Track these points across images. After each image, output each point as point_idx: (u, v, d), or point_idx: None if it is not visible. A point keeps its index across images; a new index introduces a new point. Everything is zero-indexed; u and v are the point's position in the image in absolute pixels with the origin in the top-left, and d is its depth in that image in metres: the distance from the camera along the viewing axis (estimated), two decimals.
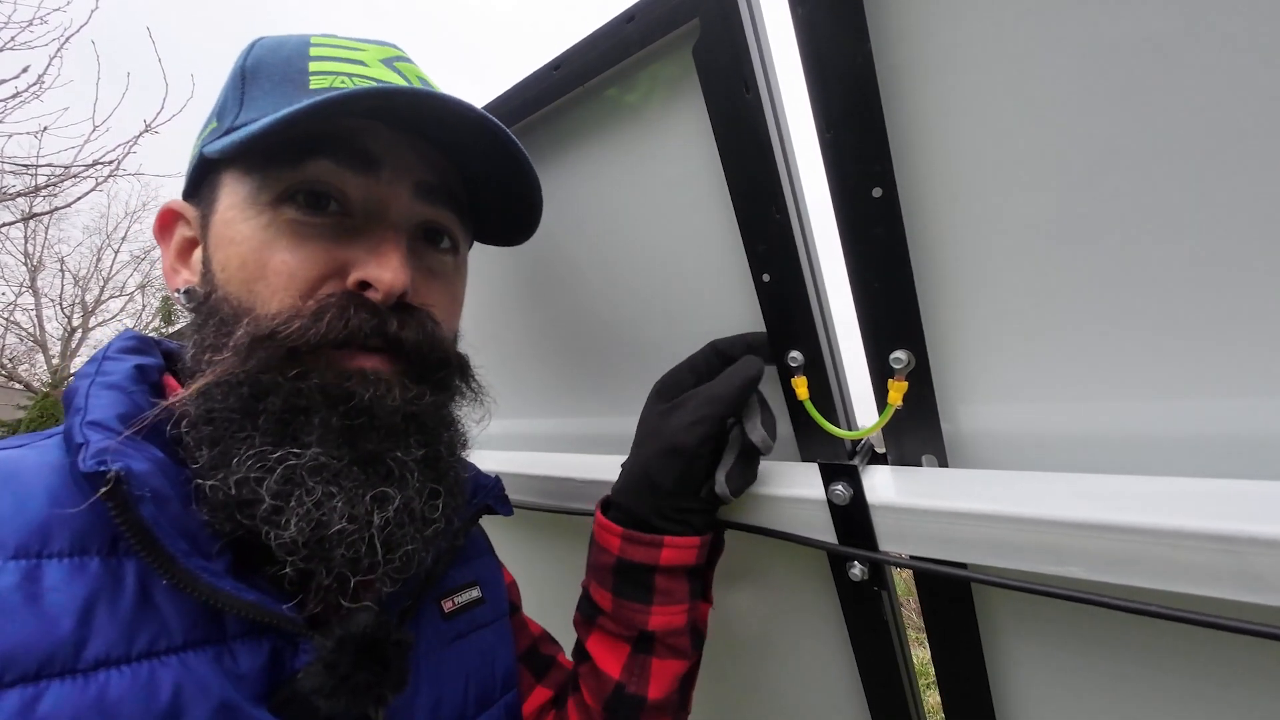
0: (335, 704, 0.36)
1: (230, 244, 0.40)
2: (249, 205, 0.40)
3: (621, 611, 0.50)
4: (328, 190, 0.40)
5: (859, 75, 0.42)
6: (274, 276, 0.39)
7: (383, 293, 0.40)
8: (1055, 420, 0.45)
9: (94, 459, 0.32)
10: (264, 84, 0.41)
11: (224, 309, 0.39)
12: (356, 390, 0.38)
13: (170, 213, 0.45)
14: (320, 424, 0.37)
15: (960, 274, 0.45)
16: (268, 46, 0.43)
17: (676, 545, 0.49)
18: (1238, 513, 0.34)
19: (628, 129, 0.57)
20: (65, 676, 0.29)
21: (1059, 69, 0.38)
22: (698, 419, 0.47)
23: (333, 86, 0.41)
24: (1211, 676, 0.42)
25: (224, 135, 0.40)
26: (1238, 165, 0.35)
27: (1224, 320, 0.38)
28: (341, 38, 0.45)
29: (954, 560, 0.45)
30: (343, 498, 0.36)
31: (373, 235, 0.41)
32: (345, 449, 0.37)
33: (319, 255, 0.40)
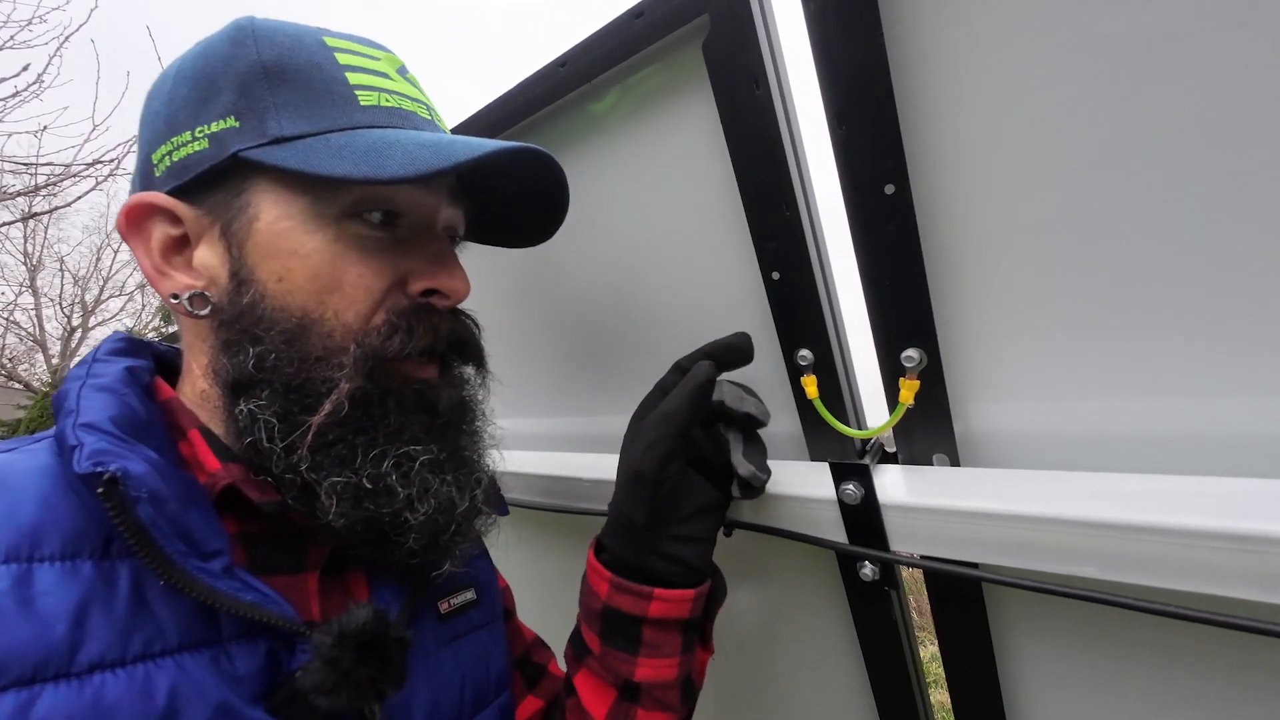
0: (336, 700, 0.36)
1: (292, 256, 0.39)
2: (311, 218, 0.39)
3: (607, 659, 0.49)
4: (389, 206, 0.42)
5: (871, 70, 0.42)
6: (350, 289, 0.40)
7: (454, 300, 0.45)
8: (1069, 419, 0.44)
9: (90, 460, 0.32)
10: (300, 89, 0.40)
11: (282, 320, 0.39)
12: (431, 395, 0.43)
13: (144, 207, 0.40)
14: (421, 426, 0.42)
15: (973, 271, 0.44)
16: (281, 42, 0.40)
17: (667, 599, 0.47)
18: (1257, 512, 0.34)
19: (635, 126, 0.57)
20: (60, 680, 0.29)
21: (1075, 63, 0.37)
22: (652, 441, 0.46)
23: (381, 105, 0.42)
24: (1230, 679, 0.42)
25: (273, 144, 0.38)
26: (1263, 161, 0.34)
27: (1243, 317, 0.37)
28: (353, 40, 0.44)
29: (966, 560, 0.45)
30: (455, 485, 0.43)
31: (425, 245, 0.44)
32: (438, 445, 0.43)
33: (386, 267, 0.42)
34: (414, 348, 0.41)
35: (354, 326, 0.40)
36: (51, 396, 0.39)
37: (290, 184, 0.39)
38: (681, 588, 0.47)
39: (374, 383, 0.40)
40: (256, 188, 0.40)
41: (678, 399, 0.46)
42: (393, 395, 0.41)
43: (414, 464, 0.41)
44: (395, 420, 0.41)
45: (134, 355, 0.43)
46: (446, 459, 0.43)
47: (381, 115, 0.42)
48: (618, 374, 0.72)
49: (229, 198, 0.40)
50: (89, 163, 3.93)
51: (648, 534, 0.47)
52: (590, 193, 0.63)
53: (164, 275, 0.41)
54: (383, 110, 0.42)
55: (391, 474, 0.40)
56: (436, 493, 0.41)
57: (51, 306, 8.00)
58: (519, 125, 0.63)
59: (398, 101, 0.43)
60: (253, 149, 0.38)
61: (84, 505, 0.34)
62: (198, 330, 0.42)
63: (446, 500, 0.42)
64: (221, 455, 0.40)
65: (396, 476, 0.40)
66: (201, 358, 0.42)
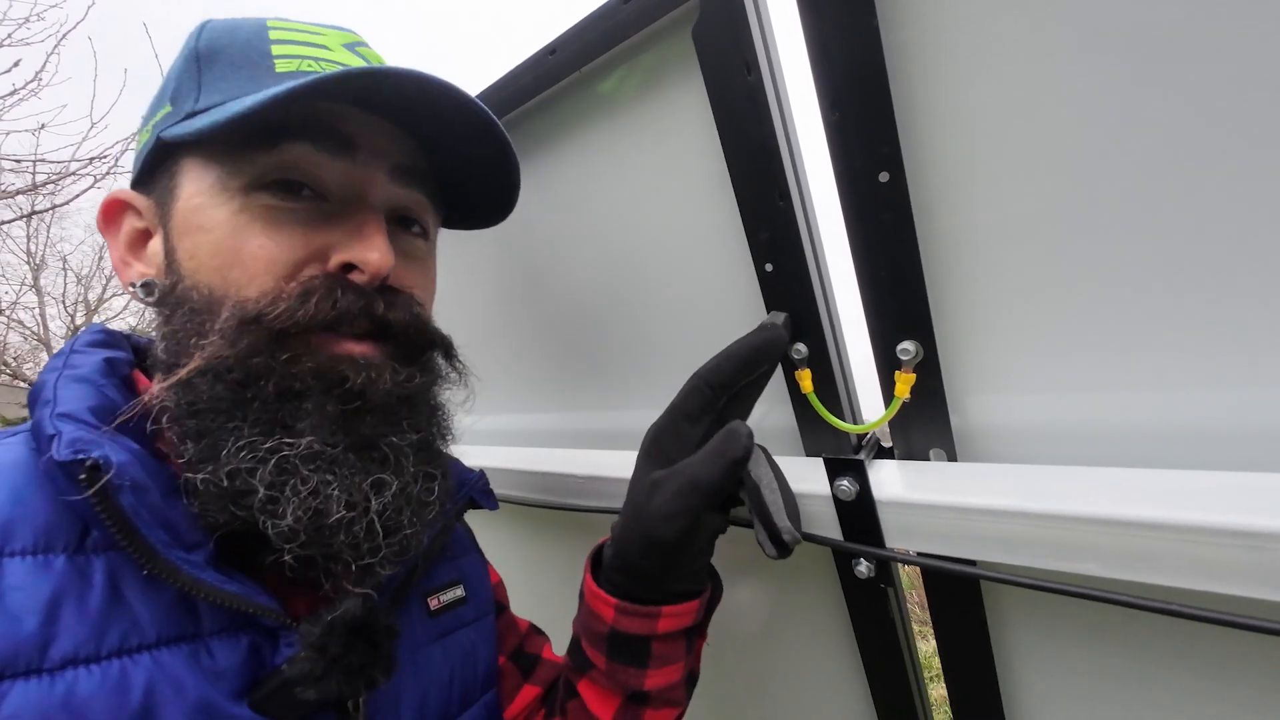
0: (326, 688, 0.35)
1: (200, 231, 0.38)
2: (218, 191, 0.38)
3: (615, 674, 0.48)
4: (302, 177, 0.39)
5: (865, 54, 0.40)
6: (251, 262, 0.37)
7: (369, 273, 0.39)
8: (1069, 412, 0.43)
9: (70, 448, 0.31)
10: (223, 67, 0.39)
11: (194, 297, 0.38)
12: (349, 374, 0.37)
13: (116, 203, 0.42)
14: (314, 410, 0.36)
15: (970, 262, 0.43)
16: (221, 29, 0.41)
17: (674, 613, 0.46)
18: (1262, 507, 0.33)
19: (626, 114, 0.56)
20: (30, 676, 0.29)
21: (1076, 48, 0.36)
22: (675, 511, 0.42)
23: (300, 70, 0.40)
24: (1231, 676, 0.41)
25: (185, 119, 0.38)
26: (1265, 152, 0.33)
27: (1247, 309, 0.36)
28: (299, 22, 0.44)
29: (963, 557, 0.44)
30: (339, 485, 0.36)
31: (352, 219, 0.40)
32: (340, 435, 0.37)
33: (297, 239, 0.39)
34: (321, 319, 0.37)
35: (250, 300, 0.37)
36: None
37: (205, 159, 0.39)
38: (686, 600, 0.47)
39: (257, 357, 0.36)
40: (182, 168, 0.40)
41: (712, 470, 0.42)
42: (276, 374, 0.36)
43: (286, 457, 0.35)
44: (276, 405, 0.36)
45: (112, 347, 0.42)
46: (344, 455, 0.37)
47: (297, 79, 0.37)
48: (609, 368, 0.71)
49: (165, 181, 0.41)
50: (88, 159, 3.92)
51: (662, 580, 0.45)
52: (581, 183, 0.62)
53: (126, 265, 0.42)
54: (300, 74, 0.39)
55: (257, 468, 0.34)
56: (317, 493, 0.35)
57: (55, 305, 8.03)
58: (509, 116, 0.62)
59: (323, 67, 0.41)
60: (170, 127, 0.39)
61: (58, 498, 0.33)
62: (154, 319, 0.42)
63: (326, 503, 0.35)
64: None
65: (262, 472, 0.34)
66: None
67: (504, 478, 0.77)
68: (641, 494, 0.45)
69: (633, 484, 0.47)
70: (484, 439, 0.93)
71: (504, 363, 0.83)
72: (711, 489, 0.42)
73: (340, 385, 0.37)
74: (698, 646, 0.52)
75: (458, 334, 0.50)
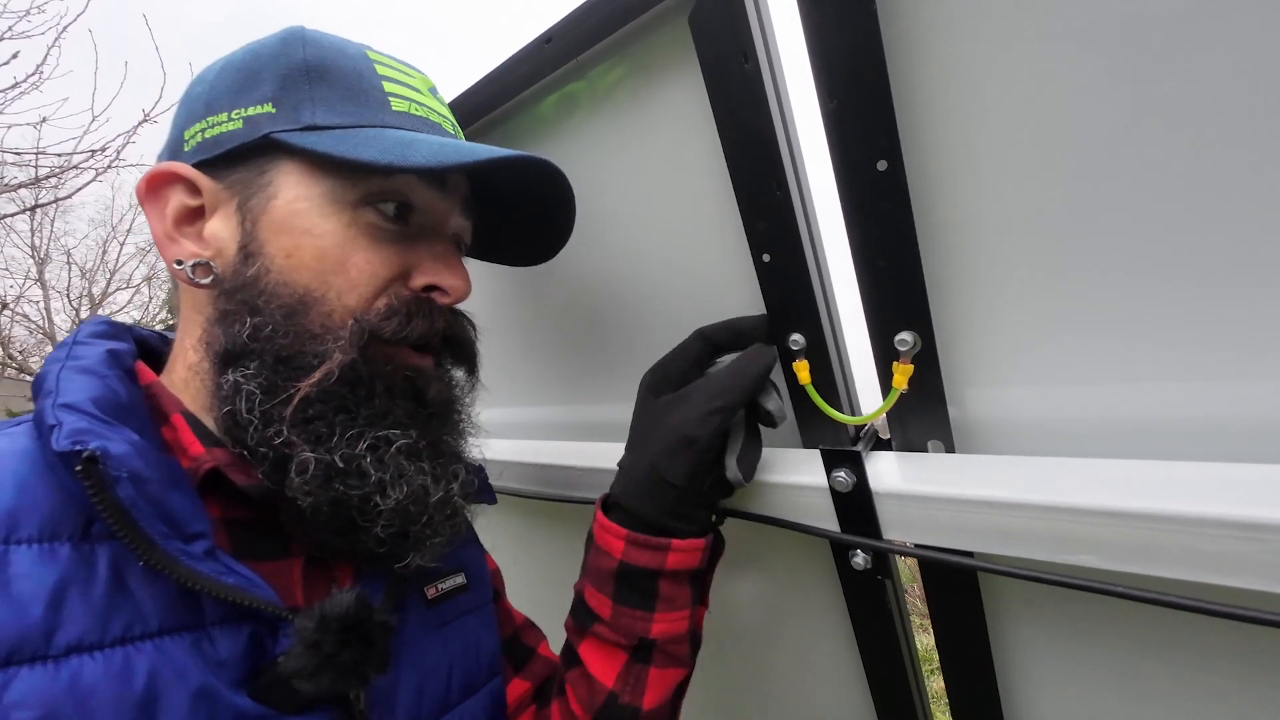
0: (319, 684, 0.36)
1: (304, 234, 0.40)
2: (329, 202, 0.41)
3: (621, 620, 0.48)
4: (405, 200, 0.44)
5: (864, 42, 0.40)
6: (355, 273, 0.41)
7: (454, 298, 0.46)
8: (1068, 403, 0.43)
9: (69, 439, 0.31)
10: (337, 88, 0.42)
11: (284, 294, 0.40)
12: (421, 383, 0.44)
13: (166, 174, 0.42)
14: (404, 411, 0.42)
15: (969, 252, 0.43)
16: (327, 46, 0.44)
17: (683, 549, 0.47)
18: (1261, 498, 0.33)
19: (622, 103, 0.55)
20: (35, 663, 0.29)
21: (1077, 37, 0.35)
22: (712, 409, 0.46)
23: (411, 113, 0.45)
24: (1230, 668, 0.41)
25: (306, 130, 0.41)
26: (1267, 146, 0.33)
27: (1248, 302, 0.36)
28: (393, 58, 0.48)
29: (960, 549, 0.44)
30: (431, 474, 0.42)
31: (432, 244, 0.46)
32: (422, 432, 0.43)
33: (392, 258, 0.43)
34: (410, 334, 0.42)
35: (354, 308, 0.41)
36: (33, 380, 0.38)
37: (313, 169, 0.41)
38: (693, 537, 0.48)
39: (366, 361, 0.40)
40: (281, 169, 0.41)
41: (744, 376, 0.47)
42: (381, 378, 0.41)
43: (390, 448, 0.40)
44: (381, 403, 0.41)
45: (115, 338, 0.42)
46: (426, 448, 0.43)
47: (410, 121, 0.44)
48: (607, 360, 0.71)
49: (252, 175, 0.41)
50: (89, 152, 3.92)
51: (681, 496, 0.47)
52: (578, 175, 0.61)
53: (173, 241, 0.42)
54: (412, 117, 0.44)
55: (366, 455, 0.39)
56: (410, 479, 0.41)
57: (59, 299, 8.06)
58: (506, 105, 0.62)
59: (426, 113, 0.46)
60: (286, 132, 0.41)
61: (63, 487, 0.33)
62: (195, 302, 0.43)
63: (419, 488, 0.41)
64: (205, 440, 0.39)
65: (371, 459, 0.39)
66: (195, 329, 0.42)
67: (501, 470, 0.77)
68: (654, 416, 0.50)
69: (639, 415, 0.52)
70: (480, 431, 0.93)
71: (502, 354, 0.83)
72: (743, 392, 0.47)
73: (423, 392, 0.44)
74: (700, 612, 0.52)
75: None
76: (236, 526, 0.39)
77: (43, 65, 3.74)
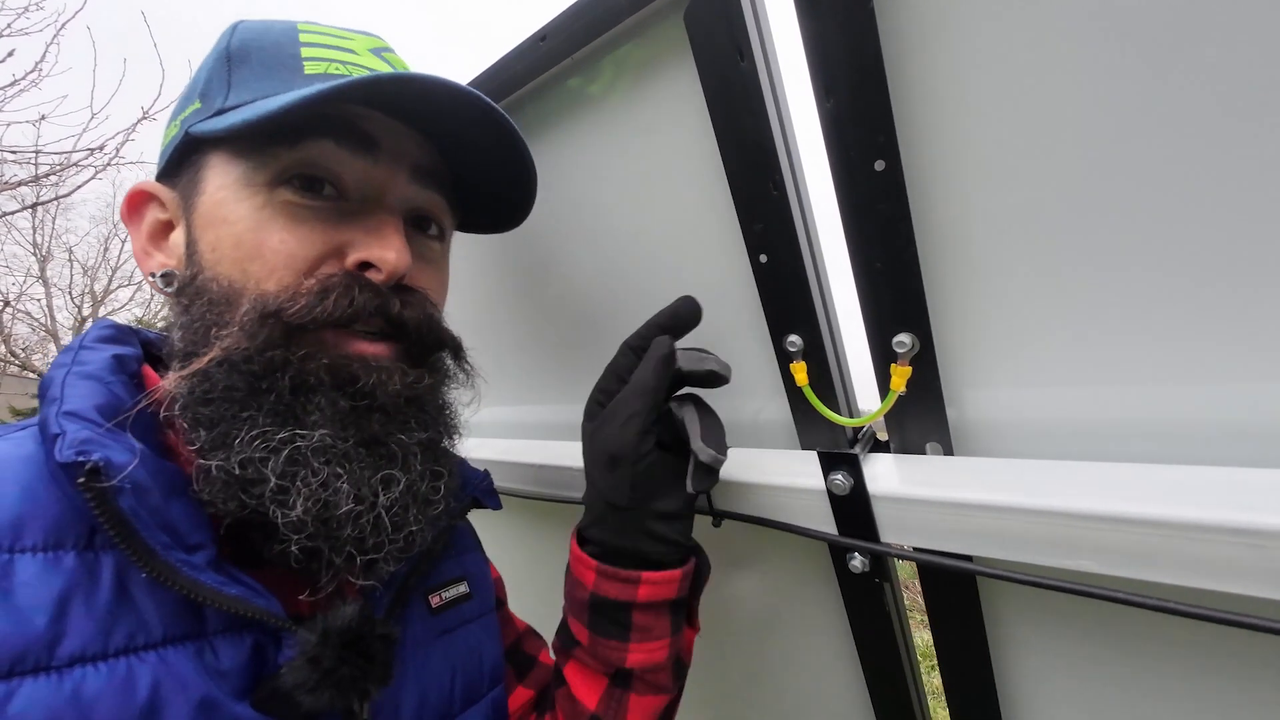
0: (319, 699, 0.35)
1: (222, 224, 0.39)
2: (242, 186, 0.39)
3: (598, 648, 0.47)
4: (324, 174, 0.40)
5: (861, 40, 0.39)
6: (271, 256, 0.38)
7: (386, 272, 0.40)
8: (1067, 406, 0.42)
9: (72, 449, 0.31)
10: (254, 67, 0.41)
11: (213, 289, 0.38)
12: (360, 374, 0.38)
13: (141, 194, 0.43)
14: (327, 405, 0.37)
15: (967, 253, 0.42)
16: (253, 30, 0.42)
17: (655, 581, 0.46)
18: (1260, 504, 0.32)
19: (618, 102, 0.55)
20: (39, 674, 0.29)
21: (1076, 35, 0.35)
22: (626, 418, 0.44)
23: (328, 73, 0.41)
24: (1229, 675, 0.40)
25: (214, 116, 0.39)
26: (1263, 148, 0.32)
27: (1248, 304, 0.35)
28: (328, 26, 0.45)
29: (959, 552, 0.43)
30: (349, 479, 0.36)
31: (370, 218, 0.41)
32: (350, 431, 0.37)
33: (316, 236, 0.39)
34: (322, 314, 0.37)
35: (271, 294, 0.37)
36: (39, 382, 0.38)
37: (231, 155, 0.40)
38: (668, 568, 0.47)
39: (274, 350, 0.36)
40: (207, 162, 0.41)
41: (644, 373, 0.46)
42: (292, 368, 0.37)
43: (298, 449, 0.35)
44: (288, 399, 0.36)
45: (121, 342, 0.42)
46: (354, 450, 0.37)
47: (324, 81, 0.39)
48: (603, 360, 0.71)
49: (191, 175, 0.41)
50: (88, 150, 3.92)
51: (632, 514, 0.45)
52: (573, 173, 0.61)
53: (148, 255, 0.43)
54: (327, 76, 0.41)
55: (268, 459, 0.35)
56: (327, 485, 0.35)
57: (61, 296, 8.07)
58: (500, 105, 0.61)
59: (349, 70, 0.42)
60: (199, 123, 0.40)
61: (67, 495, 0.33)
62: (172, 309, 0.42)
63: (336, 496, 0.35)
64: None
65: (274, 462, 0.35)
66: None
67: (499, 470, 0.77)
68: (588, 440, 0.48)
69: (582, 443, 0.50)
70: (477, 431, 0.93)
71: (499, 354, 0.83)
72: (649, 387, 0.45)
73: (351, 384, 0.38)
74: (688, 635, 0.51)
75: (453, 327, 0.50)
76: (237, 531, 0.39)
77: (41, 62, 3.74)
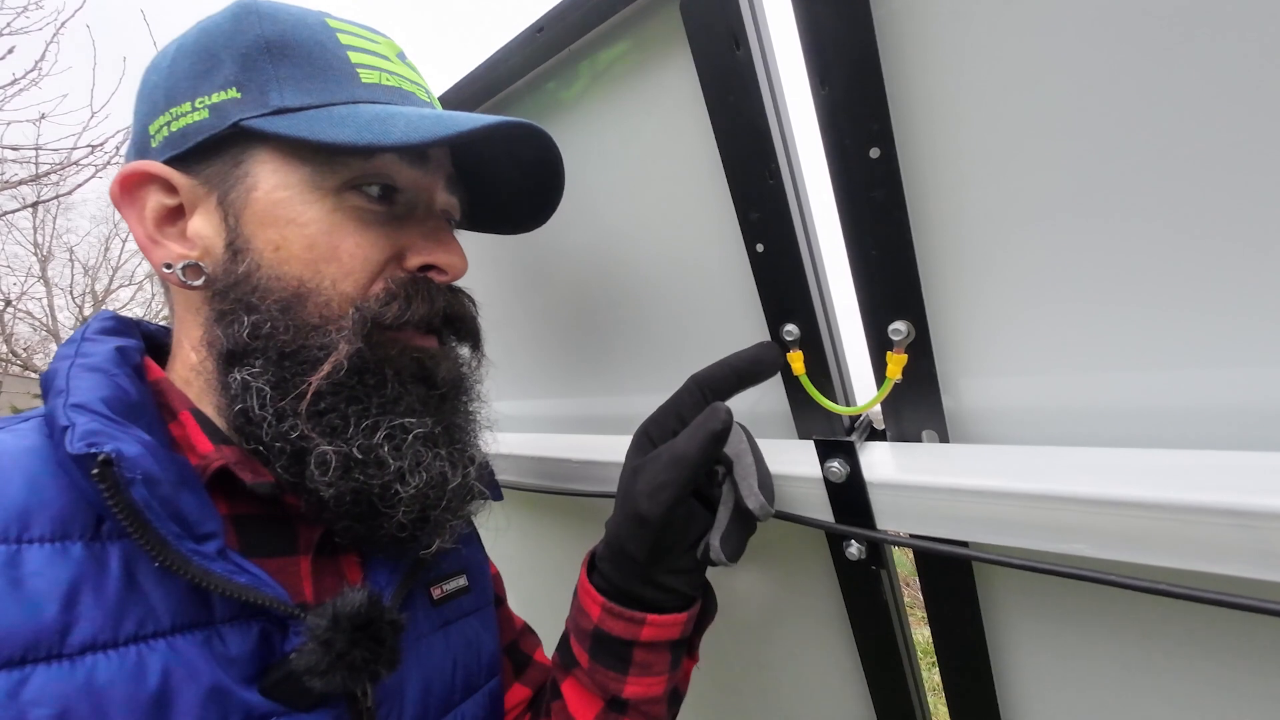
0: (330, 681, 0.36)
1: (289, 224, 0.39)
2: (310, 189, 0.40)
3: (595, 675, 0.47)
4: (388, 182, 0.42)
5: (855, 28, 0.39)
6: (347, 259, 0.40)
7: (451, 275, 0.45)
8: (1061, 393, 0.43)
9: (83, 441, 0.31)
10: (301, 64, 0.40)
11: (279, 289, 0.39)
12: (429, 365, 0.43)
13: (141, 174, 0.40)
14: (416, 396, 0.42)
15: (963, 241, 0.42)
16: (284, 19, 0.41)
17: (659, 624, 0.45)
18: (1255, 486, 0.32)
19: (616, 93, 0.55)
20: (51, 661, 0.29)
21: (1071, 23, 0.35)
22: (659, 485, 0.42)
23: (382, 84, 0.43)
24: (1224, 657, 0.41)
25: (276, 115, 0.39)
26: (1260, 136, 0.32)
27: (1241, 287, 0.35)
28: (353, 23, 0.45)
29: (955, 539, 0.44)
30: (448, 459, 0.42)
31: (423, 222, 0.45)
32: (435, 416, 0.42)
33: (383, 240, 0.42)
34: (412, 316, 0.41)
35: (351, 295, 0.40)
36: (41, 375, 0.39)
37: (289, 154, 0.40)
38: (674, 613, 0.46)
39: (371, 349, 0.40)
40: (255, 158, 0.40)
41: (692, 444, 0.42)
42: (389, 364, 0.41)
43: (407, 436, 0.40)
44: (392, 390, 0.41)
45: (123, 334, 0.42)
46: (441, 433, 0.42)
47: (382, 93, 0.42)
48: (606, 353, 0.71)
49: (227, 167, 0.40)
50: (89, 148, 3.92)
51: (647, 571, 0.44)
52: (573, 165, 0.61)
53: (157, 244, 0.41)
54: (384, 88, 0.43)
55: (384, 445, 0.39)
56: (429, 466, 0.41)
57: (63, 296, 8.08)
58: (497, 97, 0.61)
59: (398, 82, 0.44)
60: (255, 118, 0.39)
61: (74, 486, 0.33)
62: (189, 302, 0.42)
63: (439, 474, 0.41)
64: (214, 437, 0.39)
65: (389, 448, 0.39)
66: (194, 330, 0.41)
67: (503, 463, 0.77)
68: (627, 477, 0.46)
69: (621, 473, 0.48)
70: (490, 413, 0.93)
71: (502, 348, 0.83)
72: (691, 462, 0.41)
73: (431, 375, 0.43)
74: (686, 666, 0.51)
75: None
76: (244, 523, 0.39)
77: (41, 61, 3.74)
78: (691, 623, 0.48)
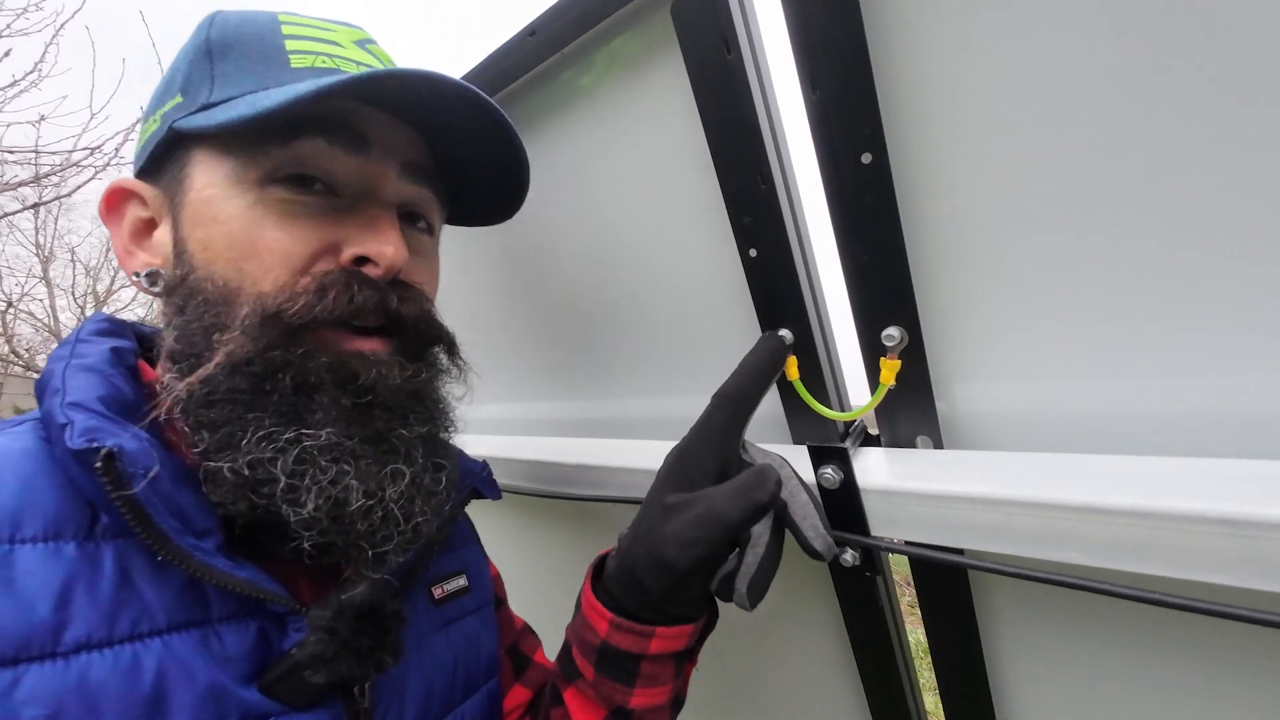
0: (336, 670, 0.36)
1: (213, 222, 0.38)
2: (232, 184, 0.38)
3: (601, 687, 0.47)
4: (316, 172, 0.39)
5: (846, 32, 0.39)
6: (266, 255, 0.37)
7: (384, 267, 0.40)
8: (1055, 399, 0.42)
9: (83, 437, 0.31)
10: (237, 60, 0.40)
11: (207, 289, 0.38)
12: (360, 371, 0.38)
13: (121, 191, 0.42)
14: (330, 404, 0.37)
15: (956, 246, 0.42)
16: (233, 21, 0.41)
17: (668, 635, 0.44)
18: (1248, 495, 0.32)
19: (607, 96, 0.54)
20: (44, 660, 0.29)
21: (1063, 27, 0.34)
22: (692, 539, 0.40)
23: (314, 66, 0.40)
24: (1217, 666, 0.40)
25: (200, 111, 0.39)
26: (1256, 145, 0.32)
27: (1235, 295, 0.35)
28: (310, 17, 0.44)
29: (949, 545, 0.43)
30: (356, 475, 0.36)
31: (364, 213, 0.41)
32: (355, 428, 0.37)
33: (310, 233, 0.39)
34: (322, 313, 0.37)
35: (268, 293, 0.37)
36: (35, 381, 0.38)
37: (219, 151, 0.39)
38: (681, 624, 0.45)
39: (271, 350, 0.36)
40: (193, 158, 0.40)
41: (734, 509, 0.39)
42: (293, 368, 0.36)
43: (306, 448, 0.35)
44: (290, 399, 0.36)
45: (117, 336, 0.42)
46: (361, 445, 0.37)
47: (312, 74, 0.40)
48: (598, 356, 0.71)
49: (175, 172, 0.40)
50: (88, 150, 3.92)
51: (661, 604, 0.43)
52: (564, 169, 0.61)
53: (130, 255, 0.42)
54: (315, 70, 0.40)
55: (277, 459, 0.35)
56: (336, 482, 0.35)
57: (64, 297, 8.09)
58: None
59: (336, 63, 0.41)
60: (183, 117, 0.39)
61: (67, 486, 0.33)
62: (161, 308, 0.42)
63: (346, 493, 0.36)
64: None
65: (283, 461, 0.35)
66: (166, 335, 0.41)
67: (497, 466, 0.77)
68: (656, 513, 0.43)
69: (648, 501, 0.45)
70: (475, 427, 0.93)
71: (494, 350, 0.83)
72: (730, 526, 0.39)
73: (353, 381, 0.38)
74: (687, 671, 0.51)
75: (448, 323, 0.49)
76: (237, 524, 0.39)
77: (41, 63, 3.74)
78: (698, 633, 0.47)
